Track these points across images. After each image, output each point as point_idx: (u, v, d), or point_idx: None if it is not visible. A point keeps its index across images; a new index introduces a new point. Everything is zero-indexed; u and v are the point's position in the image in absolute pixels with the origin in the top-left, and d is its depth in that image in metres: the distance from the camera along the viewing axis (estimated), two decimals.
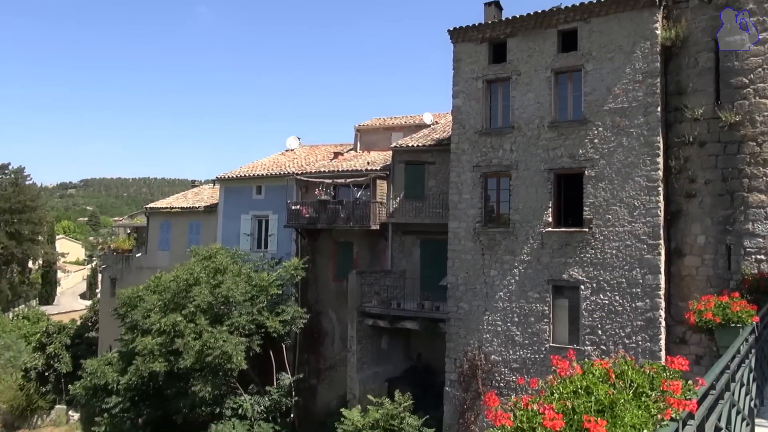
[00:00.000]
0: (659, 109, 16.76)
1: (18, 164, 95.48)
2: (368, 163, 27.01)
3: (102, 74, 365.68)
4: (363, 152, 29.82)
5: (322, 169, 27.92)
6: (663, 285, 16.63)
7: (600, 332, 17.18)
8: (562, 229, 18.06)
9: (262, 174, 29.73)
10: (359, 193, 25.93)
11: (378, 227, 24.62)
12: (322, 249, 27.32)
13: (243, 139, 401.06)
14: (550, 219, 18.23)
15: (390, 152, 25.75)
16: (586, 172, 17.64)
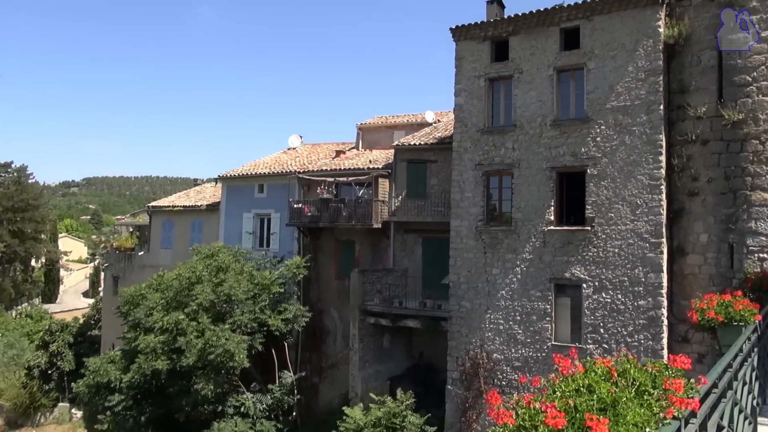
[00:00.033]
0: (662, 108, 16.72)
1: (21, 163, 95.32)
2: (370, 162, 27.01)
3: (104, 72, 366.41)
4: (365, 151, 29.82)
5: (324, 168, 27.93)
6: (665, 283, 16.60)
7: (602, 331, 17.17)
8: (565, 228, 18.04)
9: (264, 172, 29.75)
10: (361, 192, 25.94)
11: (380, 226, 24.63)
12: (324, 247, 27.34)
13: (245, 138, 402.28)
14: (552, 217, 18.20)
15: (392, 151, 25.75)
16: (589, 171, 17.62)
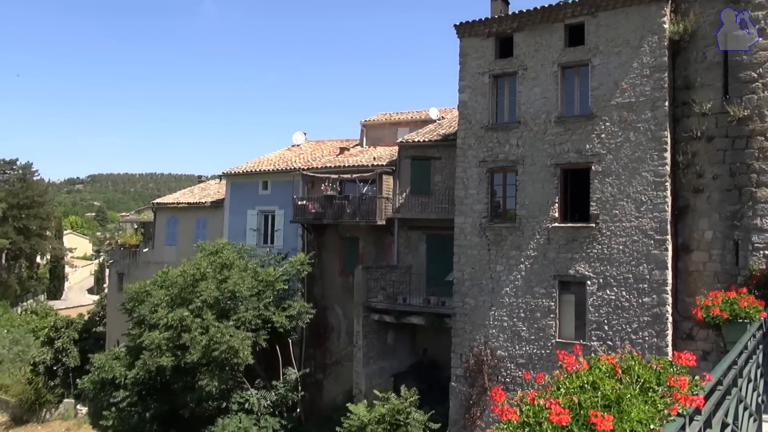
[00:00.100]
0: (667, 104, 16.66)
1: (26, 160, 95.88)
2: (374, 159, 26.99)
3: (107, 69, 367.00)
4: (369, 147, 29.80)
5: (328, 165, 27.93)
6: (670, 280, 16.56)
7: (606, 328, 17.15)
8: (569, 225, 18.01)
9: (269, 169, 29.76)
10: (365, 189, 25.92)
11: (384, 222, 24.62)
12: (328, 244, 27.35)
13: (249, 135, 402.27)
14: (557, 214, 18.17)
15: (396, 147, 25.74)
16: (593, 167, 17.57)
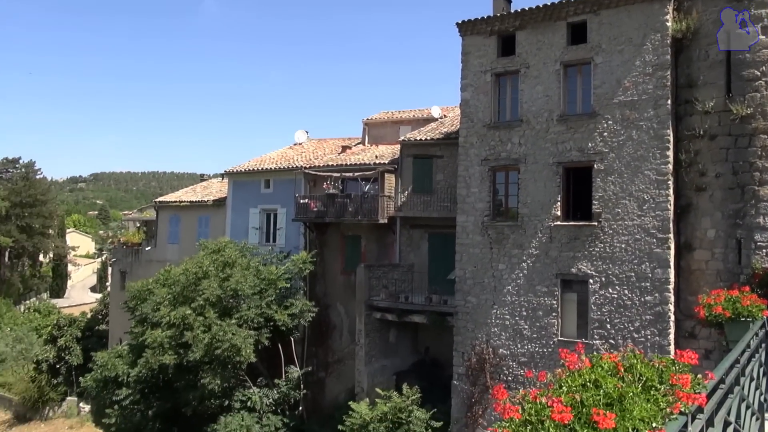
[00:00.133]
0: (669, 102, 16.63)
1: (28, 158, 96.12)
2: (376, 157, 26.99)
3: (109, 67, 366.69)
4: (371, 146, 29.79)
5: (330, 163, 27.94)
6: (672, 279, 16.55)
7: (609, 326, 17.14)
8: (571, 223, 18.00)
9: (271, 168, 29.78)
10: (367, 187, 25.91)
11: (386, 221, 24.63)
12: (330, 243, 27.36)
13: (251, 134, 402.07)
14: (559, 213, 18.16)
15: (398, 146, 25.73)
16: (596, 166, 17.55)
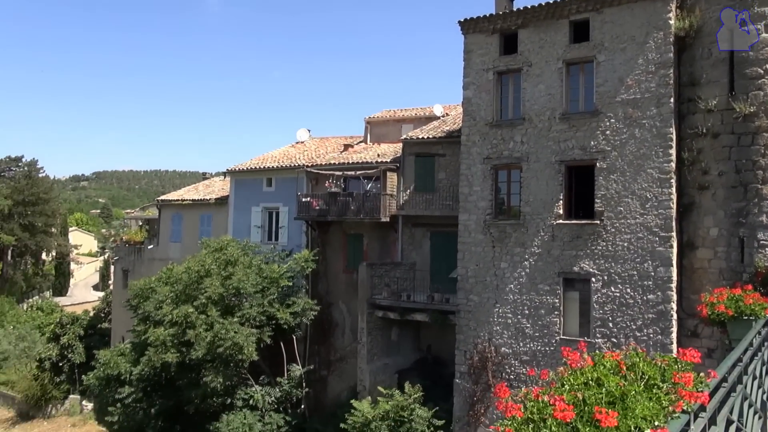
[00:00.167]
0: (672, 101, 16.59)
1: (31, 157, 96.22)
2: (378, 156, 26.98)
3: (110, 66, 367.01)
4: (373, 144, 29.79)
5: (333, 162, 27.94)
6: (675, 278, 16.53)
7: (611, 325, 17.12)
8: (573, 222, 17.98)
9: (273, 166, 29.79)
10: (369, 186, 25.91)
11: (388, 219, 24.63)
12: (333, 241, 27.37)
13: (253, 132, 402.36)
14: (561, 211, 18.14)
15: (400, 144, 25.72)
16: (598, 164, 17.53)
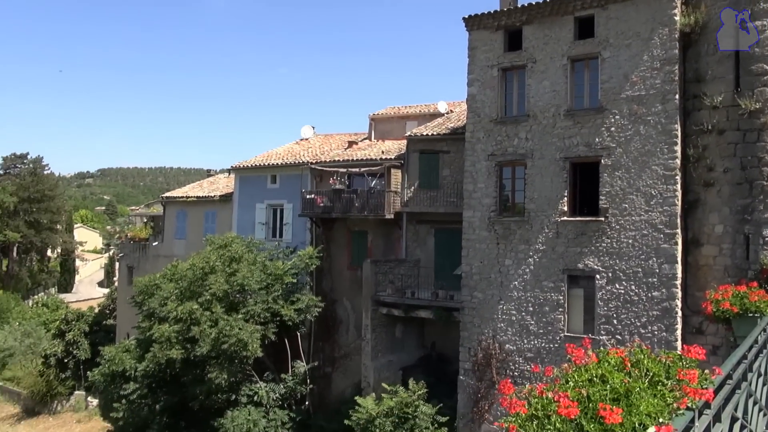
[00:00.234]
0: (677, 97, 16.53)
1: (36, 154, 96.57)
2: (383, 152, 26.98)
3: (112, 64, 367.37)
4: (377, 141, 29.78)
5: (337, 158, 27.94)
6: (679, 275, 16.48)
7: (615, 322, 17.10)
8: (578, 219, 17.95)
9: (277, 163, 29.81)
10: (374, 182, 25.93)
11: (392, 216, 24.62)
12: (337, 238, 27.40)
13: (258, 129, 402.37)
14: (566, 208, 18.11)
15: (404, 141, 25.69)
16: (603, 161, 17.48)
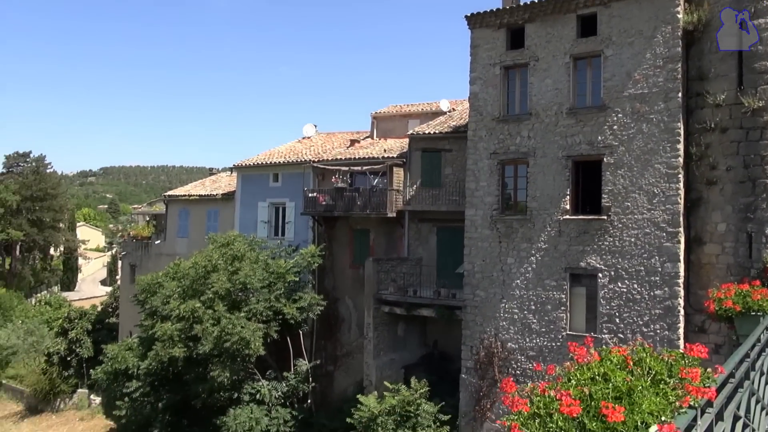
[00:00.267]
0: (680, 95, 16.49)
1: (39, 152, 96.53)
2: (385, 151, 26.97)
3: (113, 63, 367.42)
4: (379, 140, 29.77)
5: (339, 157, 27.94)
6: (682, 273, 16.45)
7: (618, 320, 17.08)
8: (580, 217, 17.92)
9: (279, 162, 29.80)
10: (376, 181, 25.92)
11: (394, 215, 24.61)
12: (339, 236, 27.40)
13: (260, 128, 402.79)
14: (568, 206, 18.09)
15: (406, 140, 25.68)
16: (605, 159, 17.45)
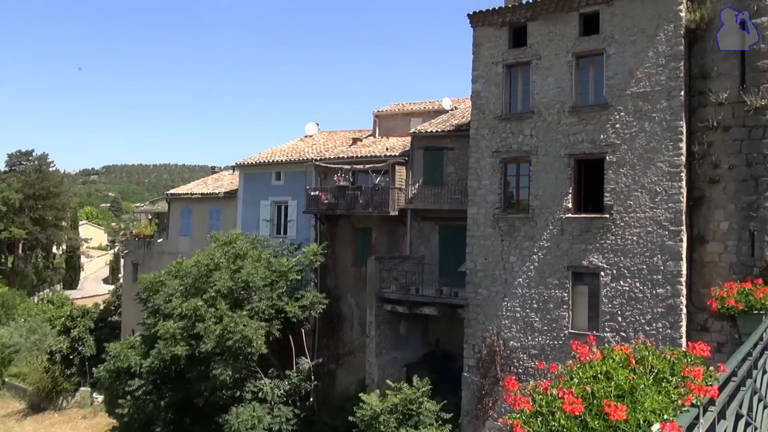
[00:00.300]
0: (683, 94, 16.47)
1: (41, 151, 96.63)
2: (387, 149, 26.96)
3: (118, 60, 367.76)
4: (382, 138, 29.77)
5: (341, 155, 27.95)
6: (684, 272, 16.45)
7: (620, 319, 17.08)
8: (583, 215, 17.91)
9: (281, 160, 29.83)
10: (378, 179, 25.92)
11: (397, 213, 24.62)
12: (341, 235, 27.41)
13: (262, 126, 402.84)
14: (570, 205, 18.08)
15: (409, 138, 25.68)
16: (608, 158, 17.44)
